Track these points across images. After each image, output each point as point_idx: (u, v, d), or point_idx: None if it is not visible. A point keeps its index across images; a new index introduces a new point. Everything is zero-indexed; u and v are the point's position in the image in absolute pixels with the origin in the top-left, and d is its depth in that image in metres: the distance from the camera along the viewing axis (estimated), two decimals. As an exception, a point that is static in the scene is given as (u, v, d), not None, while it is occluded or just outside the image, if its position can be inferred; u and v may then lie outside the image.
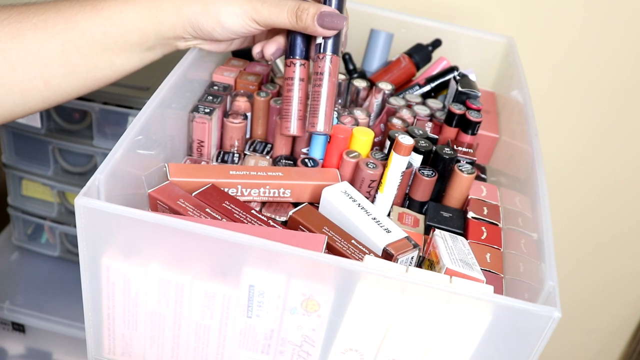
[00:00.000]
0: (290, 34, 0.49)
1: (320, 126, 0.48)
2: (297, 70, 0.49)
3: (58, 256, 0.85)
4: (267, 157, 0.54)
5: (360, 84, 0.59)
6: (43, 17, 0.45)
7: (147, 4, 0.46)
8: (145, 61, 0.49)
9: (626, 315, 1.06)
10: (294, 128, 0.49)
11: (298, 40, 0.49)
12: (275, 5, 0.46)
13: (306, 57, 0.49)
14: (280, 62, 0.62)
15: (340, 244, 0.43)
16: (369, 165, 0.50)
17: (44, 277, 0.84)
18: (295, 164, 0.53)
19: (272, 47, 0.50)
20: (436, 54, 0.65)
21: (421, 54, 0.64)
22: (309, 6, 0.46)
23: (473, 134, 0.55)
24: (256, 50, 0.51)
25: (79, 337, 0.80)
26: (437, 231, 0.46)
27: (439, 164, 0.51)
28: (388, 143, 0.52)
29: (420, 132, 0.53)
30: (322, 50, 0.48)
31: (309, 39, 0.49)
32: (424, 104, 0.59)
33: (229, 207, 0.45)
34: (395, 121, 0.54)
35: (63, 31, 0.45)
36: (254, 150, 0.55)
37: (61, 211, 0.81)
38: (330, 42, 0.48)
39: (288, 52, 0.49)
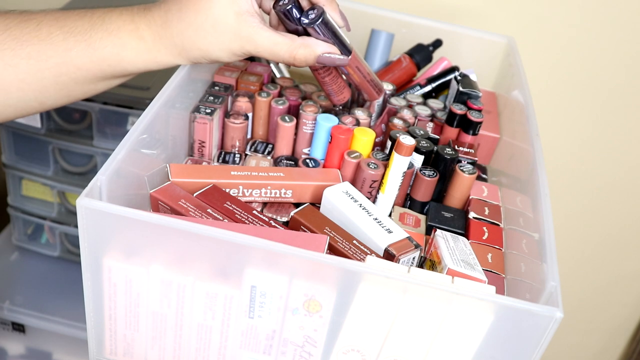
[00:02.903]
0: None
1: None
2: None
3: (58, 256, 0.85)
4: (269, 157, 0.54)
5: (361, 84, 0.59)
6: (36, 49, 0.44)
7: (145, 50, 0.46)
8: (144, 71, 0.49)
9: (626, 315, 1.07)
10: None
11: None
12: (272, 43, 0.45)
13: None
14: (281, 65, 0.62)
15: (342, 245, 0.43)
16: (370, 166, 0.50)
17: (44, 277, 0.84)
18: (296, 165, 0.53)
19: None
20: (437, 54, 0.65)
21: (422, 54, 0.64)
22: (306, 50, 0.46)
23: (474, 134, 0.55)
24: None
25: (79, 337, 0.80)
26: (438, 231, 0.46)
27: (440, 164, 0.51)
28: (389, 143, 0.52)
29: (422, 132, 0.53)
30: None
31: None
32: (425, 104, 0.59)
33: (231, 208, 0.45)
34: (397, 121, 0.54)
35: (57, 65, 0.45)
36: (255, 151, 0.55)
37: (61, 211, 0.81)
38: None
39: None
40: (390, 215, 0.51)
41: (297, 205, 0.49)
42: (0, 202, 0.87)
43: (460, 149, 0.54)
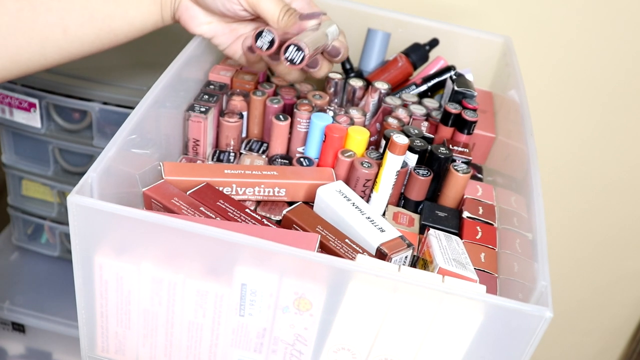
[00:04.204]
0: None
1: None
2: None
3: (58, 256, 0.85)
4: (263, 156, 0.54)
5: (356, 83, 0.59)
6: None
7: None
8: (153, 20, 0.50)
9: (626, 315, 1.06)
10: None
11: None
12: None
13: None
14: None
15: (334, 243, 0.43)
16: (364, 165, 0.50)
17: (44, 277, 0.84)
18: (290, 163, 0.53)
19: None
20: (433, 54, 0.65)
21: (418, 53, 0.64)
22: (295, 10, 0.49)
23: (469, 133, 0.55)
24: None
25: (78, 337, 0.80)
26: (431, 230, 0.46)
27: (434, 163, 0.51)
28: (383, 142, 0.52)
29: (416, 131, 0.53)
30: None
31: None
32: (420, 103, 0.59)
33: (224, 206, 0.45)
34: (391, 120, 0.54)
35: None
36: (250, 150, 0.55)
37: (61, 211, 0.81)
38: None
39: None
40: (384, 214, 0.51)
41: (290, 204, 0.49)
42: (0, 202, 0.87)
43: (455, 148, 0.54)
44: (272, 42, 0.46)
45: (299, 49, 0.45)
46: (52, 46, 0.47)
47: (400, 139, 0.48)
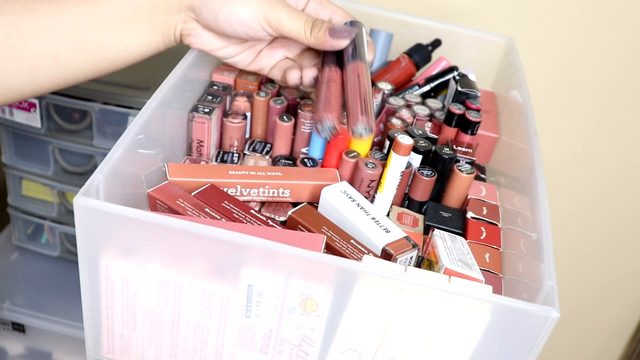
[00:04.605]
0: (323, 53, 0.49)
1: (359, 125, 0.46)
2: (327, 74, 0.48)
3: (58, 256, 0.85)
4: (267, 157, 0.54)
5: (359, 83, 0.59)
6: None
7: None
8: (151, 47, 0.48)
9: (626, 315, 1.06)
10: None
11: (330, 54, 0.49)
12: (294, 12, 0.46)
13: (339, 65, 0.49)
14: None
15: (339, 244, 0.43)
16: (368, 165, 0.50)
17: (44, 277, 0.84)
18: (294, 164, 0.53)
19: (310, 73, 0.50)
20: (436, 54, 0.65)
21: (421, 53, 0.64)
22: (323, 21, 0.48)
23: (472, 133, 0.55)
24: (294, 76, 0.51)
25: (79, 337, 0.80)
26: (436, 231, 0.46)
27: (438, 163, 0.51)
28: (387, 143, 0.52)
29: (420, 132, 0.53)
30: (348, 60, 0.48)
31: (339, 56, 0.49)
32: (423, 103, 0.59)
33: (228, 207, 0.45)
34: (395, 121, 0.54)
35: (77, 4, 0.45)
36: (254, 150, 0.55)
37: (61, 211, 0.81)
38: (351, 52, 0.48)
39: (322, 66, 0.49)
40: (388, 214, 0.51)
41: (295, 204, 0.49)
42: (0, 202, 0.87)
43: (459, 148, 0.54)
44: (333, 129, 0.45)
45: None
46: (43, 74, 0.46)
47: (405, 140, 0.48)
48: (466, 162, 0.52)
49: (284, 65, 0.52)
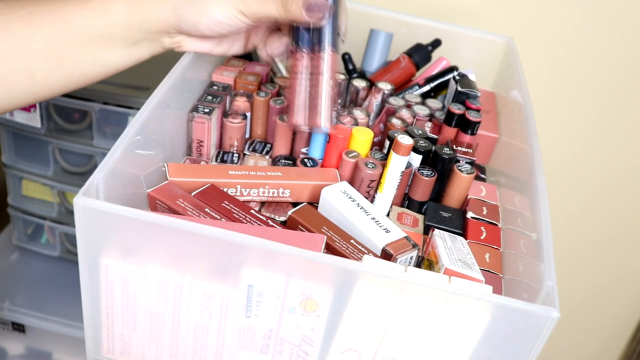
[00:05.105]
0: (292, 28, 0.49)
1: (322, 123, 0.48)
2: (304, 61, 0.48)
3: (58, 256, 0.85)
4: (267, 157, 0.54)
5: (359, 83, 0.59)
6: (30, 10, 0.45)
7: (137, 6, 0.45)
8: (132, 58, 0.48)
9: (626, 315, 1.06)
10: (301, 118, 0.49)
11: (301, 31, 0.48)
12: None
13: (312, 48, 0.49)
14: (280, 63, 0.62)
15: (340, 244, 0.43)
16: (368, 165, 0.50)
17: (44, 277, 0.84)
18: (294, 164, 0.53)
19: (273, 44, 0.50)
20: (436, 54, 0.65)
21: (421, 53, 0.64)
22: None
23: (472, 133, 0.55)
24: (262, 53, 0.51)
25: (79, 337, 0.80)
26: (436, 231, 0.46)
27: (438, 163, 0.51)
28: (387, 143, 0.52)
29: (420, 132, 0.53)
30: (319, 46, 0.48)
31: (311, 32, 0.48)
32: (423, 103, 0.59)
33: (228, 207, 0.45)
34: (395, 121, 0.54)
35: (49, 24, 0.45)
36: (254, 150, 0.55)
37: (61, 211, 0.81)
38: (326, 37, 0.48)
39: (293, 44, 0.49)
40: (388, 214, 0.51)
41: (295, 204, 0.49)
42: (0, 202, 0.87)
43: (459, 148, 0.54)
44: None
45: None
46: (20, 91, 0.46)
47: (405, 140, 0.48)
48: (466, 162, 0.52)
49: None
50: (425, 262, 0.45)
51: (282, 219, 0.48)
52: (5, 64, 0.45)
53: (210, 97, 0.54)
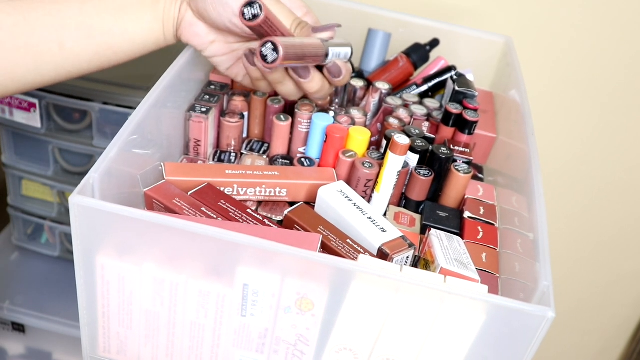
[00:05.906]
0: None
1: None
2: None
3: (58, 256, 0.85)
4: (264, 156, 0.54)
5: (357, 83, 0.59)
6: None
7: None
8: (152, 38, 0.48)
9: (626, 315, 1.06)
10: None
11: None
12: (284, 8, 0.47)
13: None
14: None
15: (336, 243, 0.43)
16: (365, 165, 0.50)
17: (44, 277, 0.84)
18: (291, 163, 0.53)
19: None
20: (434, 54, 0.65)
21: (419, 53, 0.64)
22: (307, 23, 0.48)
23: (470, 133, 0.55)
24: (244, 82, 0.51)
25: (79, 337, 0.79)
26: (432, 231, 0.46)
27: (435, 163, 0.51)
28: (384, 142, 0.52)
29: (417, 131, 0.53)
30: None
31: None
32: (421, 103, 0.59)
33: (225, 206, 0.45)
34: (392, 120, 0.54)
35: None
36: (251, 150, 0.55)
37: (61, 211, 0.81)
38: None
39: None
40: (385, 214, 0.51)
41: (291, 204, 0.49)
42: (0, 202, 0.87)
43: (456, 148, 0.54)
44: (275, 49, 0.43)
45: (275, 48, 0.43)
46: (47, 63, 0.46)
47: (402, 139, 0.48)
48: (463, 162, 0.52)
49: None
50: (422, 261, 0.45)
51: (279, 218, 0.48)
52: (37, 32, 0.45)
53: (208, 97, 0.54)
